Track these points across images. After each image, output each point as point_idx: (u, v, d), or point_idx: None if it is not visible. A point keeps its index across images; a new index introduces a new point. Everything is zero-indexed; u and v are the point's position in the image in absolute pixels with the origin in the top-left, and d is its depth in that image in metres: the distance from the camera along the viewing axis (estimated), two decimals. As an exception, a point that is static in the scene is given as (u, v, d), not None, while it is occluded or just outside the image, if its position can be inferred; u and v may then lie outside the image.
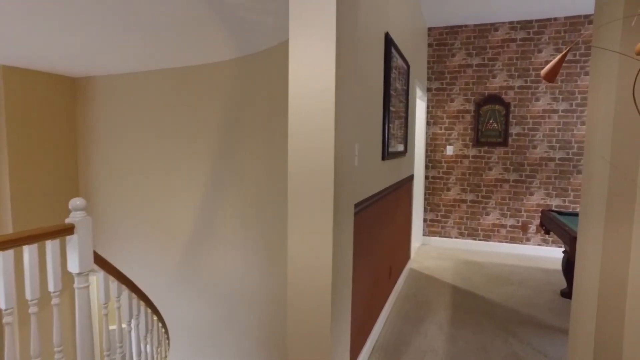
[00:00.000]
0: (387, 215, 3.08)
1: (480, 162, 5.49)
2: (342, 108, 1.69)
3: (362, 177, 2.22)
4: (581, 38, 5.02)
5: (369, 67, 2.32)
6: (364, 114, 2.25)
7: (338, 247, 1.71)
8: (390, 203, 3.21)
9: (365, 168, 2.31)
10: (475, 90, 5.44)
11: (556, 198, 5.25)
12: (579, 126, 5.10)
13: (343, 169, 1.74)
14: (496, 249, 5.47)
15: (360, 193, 2.18)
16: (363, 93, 2.20)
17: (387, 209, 3.07)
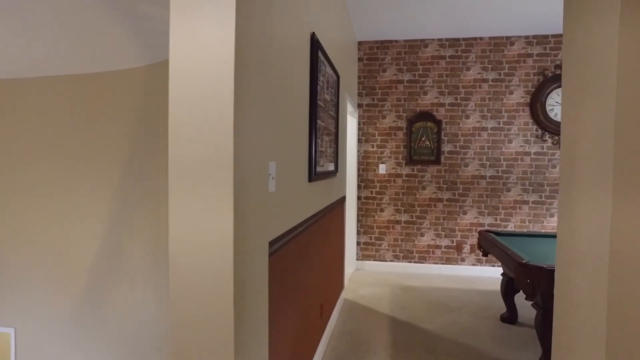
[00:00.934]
0: (316, 247, 2.64)
1: (413, 181, 5.30)
2: (246, 115, 1.23)
3: (282, 206, 1.76)
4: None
5: (290, 71, 1.89)
6: (284, 125, 1.80)
7: (243, 308, 1.22)
8: (320, 231, 2.78)
9: (286, 193, 1.85)
10: (407, 106, 5.27)
11: (488, 216, 5.17)
12: (507, 144, 5.09)
13: (249, 198, 1.27)
14: (432, 271, 5.26)
15: (278, 226, 1.71)
16: (282, 100, 1.76)
17: (315, 239, 2.63)
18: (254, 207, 1.33)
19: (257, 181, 1.35)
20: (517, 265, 2.59)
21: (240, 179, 1.18)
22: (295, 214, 2.04)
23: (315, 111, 2.36)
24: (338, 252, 3.87)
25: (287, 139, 1.85)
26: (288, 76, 1.85)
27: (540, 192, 5.06)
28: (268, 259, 1.49)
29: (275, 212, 1.64)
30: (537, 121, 4.99)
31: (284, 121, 1.79)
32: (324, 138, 2.79)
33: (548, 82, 4.92)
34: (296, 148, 2.04)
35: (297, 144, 2.07)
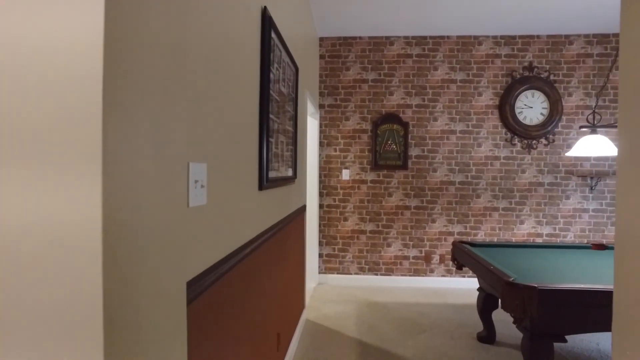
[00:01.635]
0: (269, 269, 2.18)
1: (379, 188, 4.94)
2: (136, 92, 0.77)
3: (215, 224, 1.29)
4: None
5: (230, 51, 1.44)
6: (220, 116, 1.34)
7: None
8: (275, 249, 2.33)
9: (224, 206, 1.39)
10: (371, 107, 4.92)
11: (458, 225, 4.89)
12: (476, 148, 4.84)
13: (146, 218, 0.80)
14: (400, 283, 4.90)
15: (207, 254, 1.24)
16: (216, 85, 1.30)
17: (269, 259, 2.17)
18: (159, 232, 0.86)
19: (165, 191, 0.89)
20: (503, 285, 2.24)
21: (122, 185, 0.72)
22: (239, 233, 1.57)
23: (267, 104, 1.92)
24: (298, 269, 3.42)
25: (225, 134, 1.39)
26: (225, 56, 1.39)
27: (510, 199, 4.84)
28: (187, 309, 1.02)
29: (203, 236, 1.17)
30: (506, 124, 4.77)
31: (220, 111, 1.33)
32: (280, 138, 2.34)
33: (517, 83, 4.71)
34: (240, 147, 1.58)
35: (242, 143, 1.61)
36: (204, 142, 1.18)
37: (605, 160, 4.78)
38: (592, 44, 4.77)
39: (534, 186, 4.82)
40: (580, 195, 4.80)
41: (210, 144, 1.23)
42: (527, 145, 4.80)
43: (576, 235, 4.81)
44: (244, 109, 1.62)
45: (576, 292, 2.16)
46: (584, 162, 4.78)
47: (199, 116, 1.14)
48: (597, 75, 4.76)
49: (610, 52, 4.76)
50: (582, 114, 4.77)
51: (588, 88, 4.77)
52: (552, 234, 4.82)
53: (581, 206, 4.80)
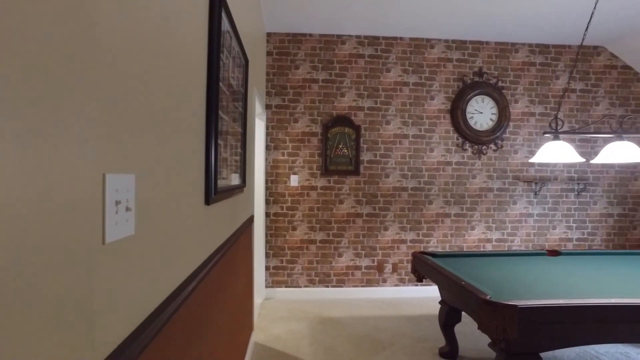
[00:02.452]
0: (218, 297, 1.80)
1: (330, 194, 4.67)
2: None
3: (146, 264, 0.91)
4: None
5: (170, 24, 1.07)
6: (158, 110, 0.97)
7: None
8: (221, 275, 1.95)
9: (162, 233, 1.01)
10: (322, 109, 4.65)
11: (410, 232, 4.75)
12: (428, 153, 4.74)
13: (26, 275, 0.43)
14: (351, 295, 4.66)
15: (137, 308, 0.86)
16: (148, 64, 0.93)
17: (217, 285, 1.79)
18: (51, 296, 0.49)
19: (59, 225, 0.52)
20: (481, 305, 2.04)
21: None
22: (180, 265, 1.20)
23: (215, 97, 1.55)
24: (247, 289, 3.03)
25: (163, 134, 1.01)
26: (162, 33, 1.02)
27: (462, 204, 4.79)
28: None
29: (129, 283, 0.80)
30: (457, 129, 4.71)
31: (155, 103, 0.96)
32: (229, 140, 1.97)
33: (467, 88, 4.68)
34: (182, 151, 1.21)
35: (186, 145, 1.24)
36: (131, 144, 0.80)
37: (547, 166, 4.88)
38: (535, 53, 4.86)
39: (484, 192, 4.81)
40: (526, 200, 4.86)
41: (141, 147, 0.86)
42: (478, 151, 4.78)
43: (522, 239, 4.85)
44: (187, 102, 1.24)
45: (556, 308, 2.00)
46: (529, 168, 4.85)
47: (122, 110, 0.77)
48: (540, 84, 4.86)
49: (551, 62, 4.88)
50: (528, 121, 4.84)
51: (532, 95, 4.85)
52: (501, 239, 4.83)
53: (527, 211, 4.86)
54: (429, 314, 4.10)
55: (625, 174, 4.98)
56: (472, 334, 3.51)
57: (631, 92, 4.98)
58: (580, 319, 2.06)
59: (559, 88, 4.89)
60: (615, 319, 2.08)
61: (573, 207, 4.91)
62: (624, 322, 2.10)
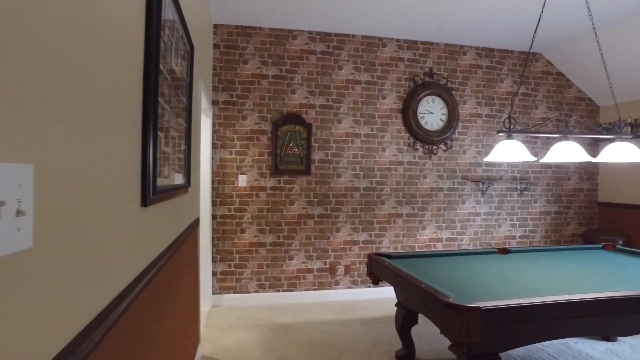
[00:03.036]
0: (158, 312, 1.57)
1: (280, 195, 4.48)
2: None
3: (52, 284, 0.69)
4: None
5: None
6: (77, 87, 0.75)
7: None
8: (164, 283, 1.71)
9: (77, 243, 0.79)
10: (272, 106, 4.45)
11: (363, 233, 4.67)
12: (380, 152, 4.69)
13: None
14: (304, 298, 4.50)
15: (38, 347, 0.64)
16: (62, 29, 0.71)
17: (158, 298, 1.56)
18: None
19: None
20: (444, 308, 1.95)
21: None
22: (106, 285, 0.97)
23: (155, 81, 1.32)
24: (192, 299, 2.77)
25: (78, 118, 0.79)
26: None
27: (413, 204, 4.79)
28: None
29: (21, 323, 0.58)
30: (409, 129, 4.71)
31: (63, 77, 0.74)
32: (172, 134, 1.74)
33: (419, 88, 4.69)
34: (110, 142, 0.98)
35: (113, 135, 1.01)
36: (27, 124, 0.59)
37: (493, 166, 5.01)
38: (481, 56, 4.97)
39: (435, 191, 4.84)
40: (474, 200, 4.95)
41: (48, 130, 0.64)
42: (428, 151, 4.80)
43: (471, 238, 4.95)
44: (118, 81, 1.02)
45: (517, 308, 1.97)
46: (476, 168, 4.95)
47: (16, 77, 0.55)
48: (486, 86, 4.98)
49: (496, 66, 5.02)
50: (475, 122, 4.94)
51: (479, 97, 4.96)
52: (451, 238, 4.89)
53: (474, 210, 4.96)
54: (384, 316, 4.03)
55: (561, 174, 5.23)
56: (428, 336, 3.48)
57: (564, 98, 5.24)
58: (539, 317, 2.04)
59: (503, 91, 5.04)
60: (570, 314, 2.09)
61: (516, 206, 5.08)
62: (578, 317, 2.12)
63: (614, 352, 3.25)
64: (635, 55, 4.31)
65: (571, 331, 2.24)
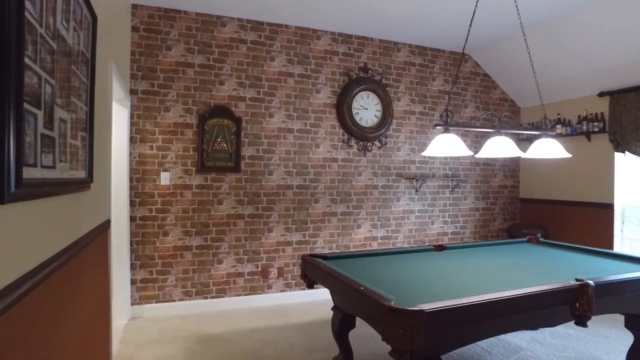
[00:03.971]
0: (36, 340, 1.23)
1: (207, 194, 4.14)
2: None
3: None
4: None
5: None
6: None
7: None
8: (47, 304, 1.37)
9: None
10: (198, 98, 4.10)
11: (296, 233, 4.46)
12: (314, 149, 4.51)
13: None
14: (234, 305, 4.19)
15: None
16: None
17: (33, 324, 1.22)
18: None
19: None
20: (385, 313, 1.80)
21: None
22: None
23: (12, 29, 0.99)
24: (99, 314, 2.38)
25: None
26: None
27: (348, 202, 4.67)
28: None
29: None
30: (343, 125, 4.58)
31: None
32: (59, 114, 1.40)
33: (353, 83, 4.58)
34: None
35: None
36: None
37: (426, 163, 5.05)
38: (415, 54, 4.99)
39: (370, 189, 4.77)
40: (408, 197, 4.95)
41: None
42: (363, 147, 4.72)
43: (405, 236, 4.94)
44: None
45: (461, 309, 1.86)
46: (410, 165, 4.96)
47: None
48: (419, 84, 5.01)
49: (428, 64, 5.06)
50: (409, 119, 4.95)
51: (413, 95, 4.98)
52: (386, 237, 4.84)
53: (409, 207, 4.96)
54: (319, 320, 3.85)
55: (488, 171, 5.42)
56: (366, 339, 3.35)
57: (490, 98, 5.44)
58: (482, 316, 1.96)
59: (436, 89, 5.10)
60: (512, 310, 2.04)
61: (448, 203, 5.17)
62: (520, 312, 2.08)
63: (538, 340, 3.35)
64: (549, 61, 4.54)
65: (511, 326, 2.21)
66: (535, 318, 2.27)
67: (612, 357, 3.11)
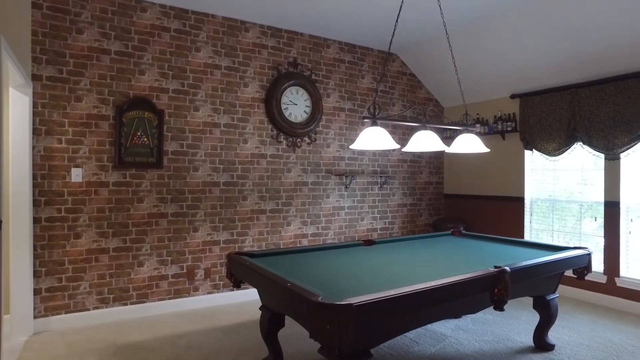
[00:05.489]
0: None
1: (126, 192, 3.84)
2: None
3: None
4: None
5: None
6: None
7: None
8: None
9: None
10: (115, 88, 3.78)
11: (224, 232, 4.29)
12: (242, 144, 4.37)
13: None
14: (157, 310, 3.92)
15: None
16: None
17: None
18: None
19: None
20: (312, 308, 1.74)
21: None
22: None
23: None
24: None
25: None
26: None
27: (277, 200, 4.58)
28: None
29: None
30: (272, 120, 4.49)
31: None
32: None
33: (282, 78, 4.50)
34: None
35: None
36: None
37: (355, 160, 5.11)
38: (344, 51, 5.03)
39: (299, 186, 4.72)
40: (338, 194, 4.98)
41: None
42: (292, 144, 4.65)
43: (335, 232, 4.96)
44: None
45: (389, 300, 1.86)
46: (340, 162, 4.99)
47: None
48: (349, 81, 5.05)
49: (357, 62, 5.13)
50: (339, 116, 4.97)
51: (342, 91, 5.01)
52: (316, 234, 4.83)
53: (339, 204, 4.98)
54: (249, 320, 3.73)
55: (415, 167, 5.62)
56: (295, 337, 3.29)
57: (416, 97, 5.65)
58: (410, 307, 1.98)
59: (364, 87, 5.18)
60: (438, 299, 2.08)
61: (377, 199, 5.28)
62: (445, 300, 2.13)
63: (461, 328, 3.51)
64: (470, 63, 4.81)
65: (437, 315, 2.26)
66: (459, 306, 2.35)
67: (522, 336, 3.34)
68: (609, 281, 4.17)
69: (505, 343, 3.22)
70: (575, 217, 4.57)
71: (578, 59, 4.16)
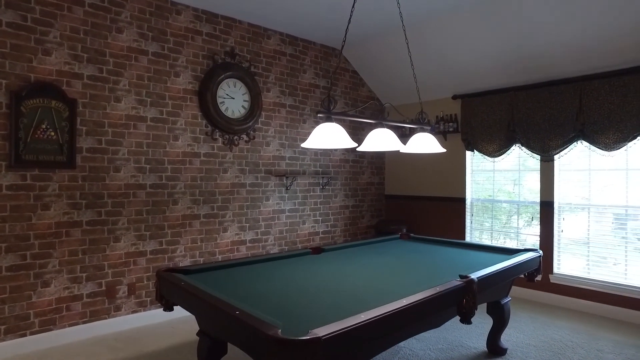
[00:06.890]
0: None
1: (26, 197, 3.18)
2: None
3: None
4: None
5: None
6: None
7: None
8: None
9: None
10: (9, 69, 3.10)
11: (151, 241, 3.76)
12: (172, 142, 3.87)
13: None
14: (69, 338, 3.30)
15: None
16: None
17: None
18: None
19: None
20: (271, 345, 1.40)
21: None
22: None
23: None
24: None
25: None
26: None
27: (212, 203, 4.13)
28: None
29: None
30: (207, 115, 4.03)
31: None
32: None
33: (219, 69, 4.06)
34: None
35: None
36: None
37: (296, 160, 4.80)
38: (285, 43, 4.69)
39: (236, 187, 4.30)
40: (278, 196, 4.63)
41: None
42: (229, 141, 4.23)
43: (276, 237, 4.61)
44: None
45: (359, 329, 1.57)
46: (280, 162, 4.65)
47: None
48: (290, 75, 4.73)
49: (299, 55, 4.82)
50: (279, 112, 4.63)
51: (283, 86, 4.67)
52: (255, 239, 4.44)
53: (279, 207, 4.64)
54: (183, 343, 3.26)
55: (357, 168, 5.44)
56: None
57: (359, 95, 5.48)
58: (383, 331, 1.71)
59: (306, 82, 4.88)
60: (412, 319, 1.85)
61: (319, 201, 5.01)
62: (418, 319, 1.90)
63: (414, 337, 3.35)
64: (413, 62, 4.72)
65: (406, 334, 2.03)
66: (427, 322, 2.14)
67: (474, 341, 3.26)
68: (544, 278, 4.28)
69: (460, 350, 3.11)
70: (513, 216, 4.66)
71: (516, 63, 4.22)
